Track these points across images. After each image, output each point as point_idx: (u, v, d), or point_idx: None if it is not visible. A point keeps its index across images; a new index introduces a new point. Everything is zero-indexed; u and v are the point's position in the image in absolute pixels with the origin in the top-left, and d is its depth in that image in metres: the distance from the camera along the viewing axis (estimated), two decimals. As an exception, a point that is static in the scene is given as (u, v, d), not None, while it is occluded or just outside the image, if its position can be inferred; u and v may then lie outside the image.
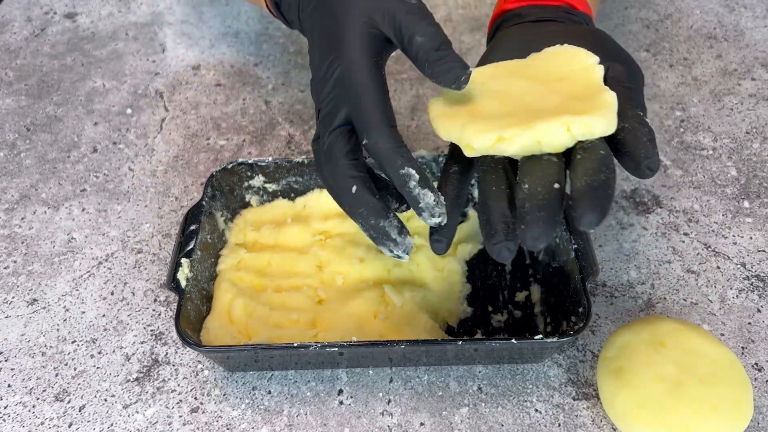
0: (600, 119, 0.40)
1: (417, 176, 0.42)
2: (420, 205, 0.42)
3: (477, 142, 0.42)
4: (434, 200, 0.42)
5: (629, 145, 0.40)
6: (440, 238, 0.44)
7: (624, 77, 0.44)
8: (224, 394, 0.52)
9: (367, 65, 0.44)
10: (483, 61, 0.52)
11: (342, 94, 0.45)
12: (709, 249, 0.61)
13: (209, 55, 0.84)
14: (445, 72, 0.42)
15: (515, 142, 0.41)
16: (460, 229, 0.60)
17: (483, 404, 0.51)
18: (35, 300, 0.59)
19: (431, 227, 0.44)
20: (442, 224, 0.43)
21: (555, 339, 0.48)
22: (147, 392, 0.52)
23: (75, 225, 0.65)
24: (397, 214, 0.45)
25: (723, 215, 0.63)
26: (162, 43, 0.86)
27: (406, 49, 0.44)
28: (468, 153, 0.43)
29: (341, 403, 0.51)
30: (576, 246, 0.53)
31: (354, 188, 0.44)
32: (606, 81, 0.44)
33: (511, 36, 0.53)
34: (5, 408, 0.52)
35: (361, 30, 0.44)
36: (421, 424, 0.50)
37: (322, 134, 0.46)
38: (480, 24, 0.87)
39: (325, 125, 0.45)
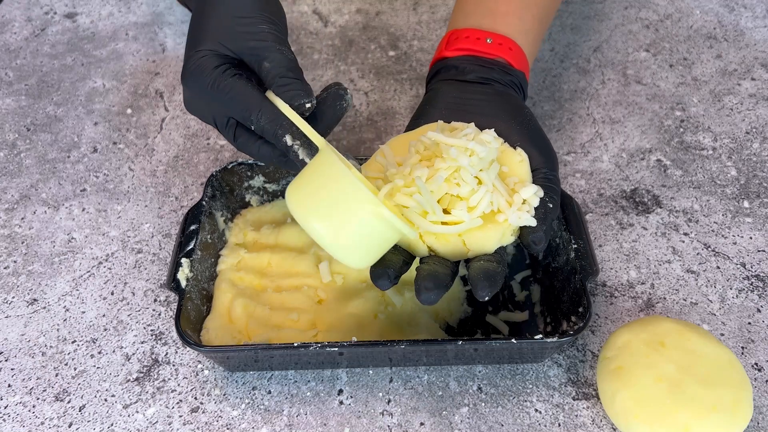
0: (492, 234, 0.47)
1: (298, 141, 0.46)
2: (300, 159, 0.47)
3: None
4: (309, 159, 0.46)
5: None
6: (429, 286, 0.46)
7: (545, 165, 0.50)
8: (224, 394, 0.52)
9: (214, 68, 0.48)
10: (417, 119, 0.55)
11: (215, 101, 0.48)
12: (709, 249, 0.61)
13: (209, 55, 0.84)
14: (290, 98, 0.46)
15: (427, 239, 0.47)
16: None
17: (483, 404, 0.51)
18: (35, 300, 0.59)
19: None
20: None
21: (555, 339, 0.48)
22: (147, 392, 0.52)
23: (75, 225, 0.65)
24: None
25: (723, 215, 0.63)
26: (162, 43, 0.86)
27: (258, 73, 0.48)
28: None
29: (341, 403, 0.51)
30: (576, 246, 0.53)
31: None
32: (532, 166, 0.50)
33: (444, 95, 0.55)
34: (5, 408, 0.52)
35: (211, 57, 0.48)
36: (421, 424, 0.50)
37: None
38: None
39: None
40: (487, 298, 0.45)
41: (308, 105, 0.46)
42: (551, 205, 0.48)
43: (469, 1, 0.62)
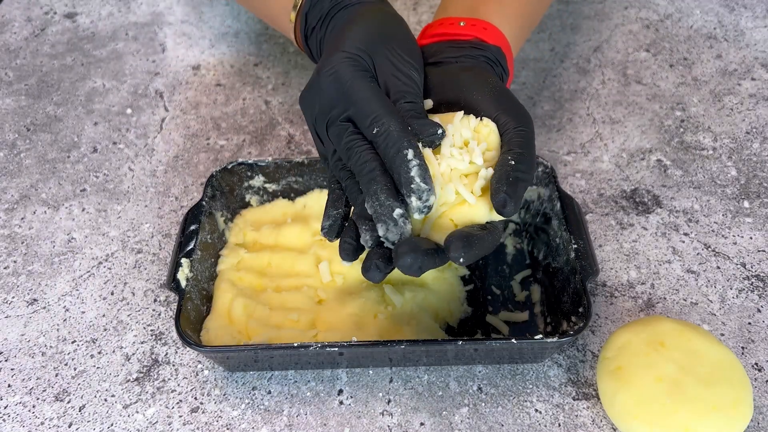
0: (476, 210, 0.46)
1: (417, 160, 0.44)
2: (412, 186, 0.44)
3: None
4: (426, 186, 0.44)
5: (491, 185, 0.45)
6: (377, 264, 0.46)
7: (513, 124, 0.49)
8: (224, 394, 0.52)
9: (357, 69, 0.48)
10: None
11: (338, 94, 0.48)
12: (709, 249, 0.61)
13: (209, 55, 0.84)
14: (426, 135, 0.46)
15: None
16: None
17: (483, 404, 0.51)
18: (35, 300, 0.59)
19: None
20: (424, 212, 0.45)
21: (555, 339, 0.48)
22: (147, 392, 0.52)
23: (75, 225, 0.65)
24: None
25: (723, 215, 0.63)
26: (162, 43, 0.86)
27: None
28: None
29: (341, 403, 0.51)
30: (576, 246, 0.53)
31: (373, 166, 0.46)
32: (501, 129, 0.49)
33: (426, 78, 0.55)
34: (5, 408, 0.52)
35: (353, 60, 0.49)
36: (421, 424, 0.50)
37: (331, 129, 0.49)
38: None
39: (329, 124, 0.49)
40: (461, 261, 0.42)
41: (437, 136, 0.47)
42: (513, 162, 0.45)
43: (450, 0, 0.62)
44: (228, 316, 0.54)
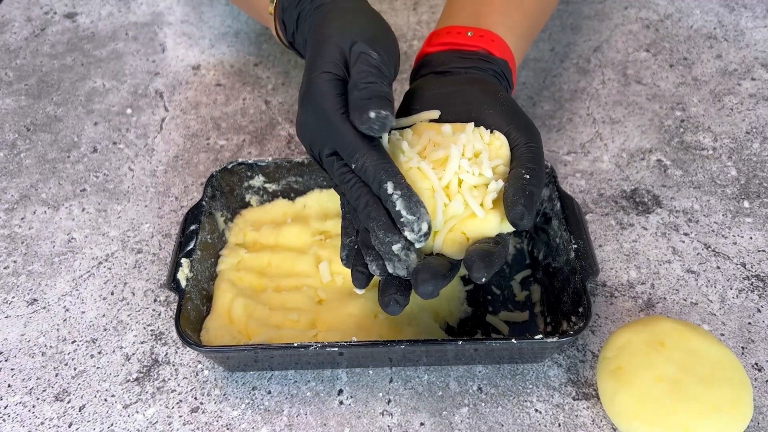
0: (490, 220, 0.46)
1: (398, 192, 0.44)
2: (401, 220, 0.44)
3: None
4: (413, 217, 0.44)
5: (504, 199, 0.46)
6: (396, 296, 0.45)
7: (524, 140, 0.49)
8: (224, 394, 0.52)
9: (334, 98, 0.47)
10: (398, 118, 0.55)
11: (324, 131, 0.47)
12: (709, 249, 0.61)
13: (209, 55, 0.84)
14: (362, 122, 0.45)
15: None
16: None
17: (483, 404, 0.51)
18: (35, 300, 0.59)
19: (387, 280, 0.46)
20: (422, 240, 0.45)
21: (555, 339, 0.48)
22: (147, 392, 0.52)
23: (75, 225, 0.65)
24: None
25: (723, 215, 0.63)
26: (162, 43, 0.86)
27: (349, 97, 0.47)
28: None
29: (341, 403, 0.51)
30: (576, 246, 0.53)
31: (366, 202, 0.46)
32: (511, 144, 0.49)
33: (421, 91, 0.55)
34: (5, 408, 0.52)
35: (329, 79, 0.47)
36: (421, 424, 0.50)
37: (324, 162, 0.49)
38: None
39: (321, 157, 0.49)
40: (484, 280, 0.43)
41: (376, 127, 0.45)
42: (528, 176, 0.46)
43: (454, 4, 0.63)
44: (228, 316, 0.54)
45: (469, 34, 0.57)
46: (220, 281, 0.56)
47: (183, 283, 0.52)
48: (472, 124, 0.50)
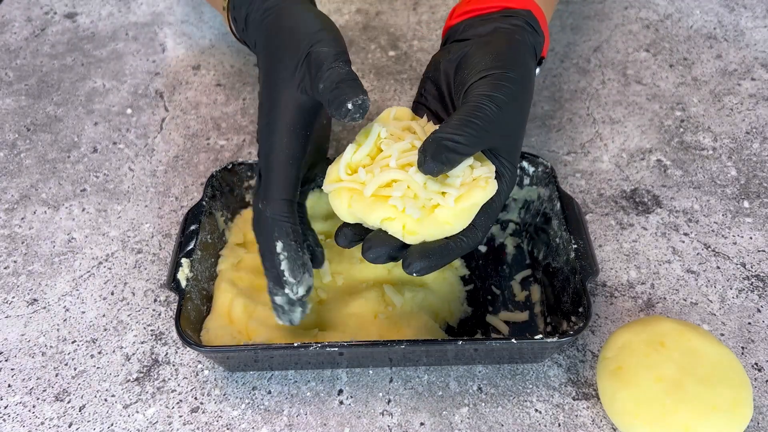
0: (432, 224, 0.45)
1: (285, 253, 0.48)
2: (283, 279, 0.49)
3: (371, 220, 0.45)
4: (294, 281, 0.49)
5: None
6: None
7: (479, 94, 0.47)
8: (224, 394, 0.52)
9: (287, 134, 0.48)
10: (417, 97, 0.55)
11: (260, 158, 0.50)
12: (709, 249, 0.61)
13: (209, 55, 0.84)
14: (339, 113, 0.45)
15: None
16: None
17: (483, 404, 0.51)
18: (35, 300, 0.59)
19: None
20: (301, 299, 0.49)
21: (555, 339, 0.48)
22: (147, 392, 0.52)
23: (75, 225, 0.65)
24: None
25: (723, 215, 0.63)
26: (162, 43, 0.86)
27: (316, 96, 0.47)
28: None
29: (341, 403, 0.51)
30: (576, 246, 0.53)
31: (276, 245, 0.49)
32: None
33: (436, 63, 0.54)
34: (5, 408, 0.52)
35: (292, 96, 0.48)
36: (421, 424, 0.50)
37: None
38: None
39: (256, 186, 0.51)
40: (415, 274, 0.44)
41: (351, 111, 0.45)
42: (455, 119, 0.44)
43: None
44: (228, 316, 0.54)
45: None
46: (220, 281, 0.56)
47: (183, 283, 0.52)
48: (425, 118, 0.50)
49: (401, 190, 0.44)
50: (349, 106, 0.44)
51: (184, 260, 0.53)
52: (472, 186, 0.45)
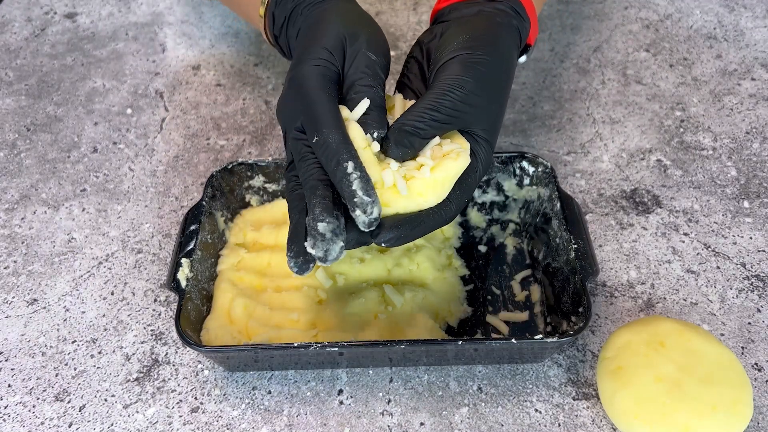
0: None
1: (358, 173, 0.43)
2: (355, 200, 0.43)
3: None
4: (369, 199, 0.43)
5: None
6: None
7: (448, 83, 0.48)
8: (224, 394, 0.52)
9: (317, 79, 0.47)
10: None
11: (297, 103, 0.47)
12: (709, 249, 0.61)
13: (209, 55, 0.84)
14: (368, 130, 0.46)
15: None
16: None
17: (483, 404, 0.51)
18: (35, 300, 0.59)
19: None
20: (373, 224, 0.44)
21: (555, 339, 0.48)
22: (147, 392, 0.52)
23: (75, 225, 0.65)
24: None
25: (723, 215, 0.63)
26: (162, 43, 0.86)
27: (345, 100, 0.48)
28: None
29: (341, 403, 0.51)
30: (576, 246, 0.53)
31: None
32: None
33: (418, 45, 0.55)
34: (5, 408, 0.52)
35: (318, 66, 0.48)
36: (421, 424, 0.50)
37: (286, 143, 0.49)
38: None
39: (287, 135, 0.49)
40: (384, 244, 0.44)
41: (375, 135, 0.46)
42: (423, 104, 0.46)
43: None
44: (228, 316, 0.54)
45: None
46: (220, 281, 0.56)
47: (183, 283, 0.52)
48: (400, 96, 0.51)
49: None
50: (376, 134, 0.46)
51: (184, 260, 0.53)
52: (443, 158, 0.46)
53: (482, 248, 0.61)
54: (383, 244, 0.44)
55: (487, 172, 0.50)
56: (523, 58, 0.58)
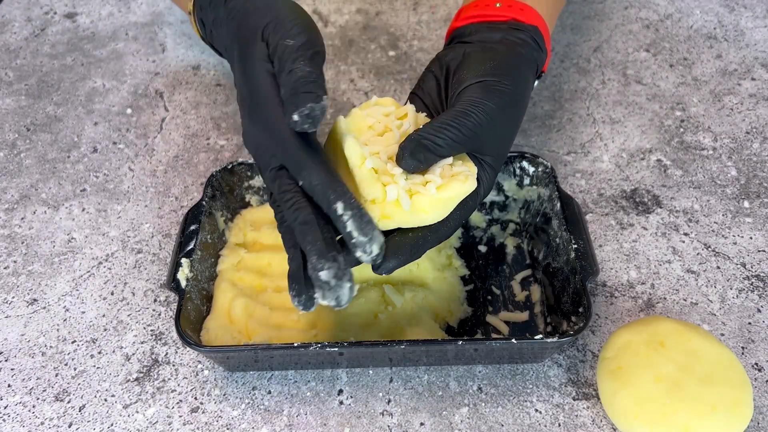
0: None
1: (349, 212, 0.42)
2: (352, 241, 0.42)
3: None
4: (365, 238, 0.42)
5: None
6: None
7: (469, 103, 0.47)
8: (224, 394, 0.52)
9: (281, 113, 0.45)
10: (414, 89, 0.55)
11: (271, 144, 0.46)
12: (709, 249, 0.61)
13: (209, 55, 0.84)
14: (300, 114, 0.43)
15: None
16: None
17: (483, 404, 0.51)
18: (35, 300, 0.59)
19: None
20: (375, 259, 0.43)
21: (555, 339, 0.48)
22: (147, 392, 0.52)
23: (75, 225, 0.65)
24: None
25: (723, 215, 0.63)
26: (162, 43, 0.86)
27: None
28: None
29: (341, 403, 0.51)
30: (576, 246, 0.53)
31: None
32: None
33: (435, 61, 0.55)
34: (5, 408, 0.52)
35: (267, 80, 0.46)
36: (421, 424, 0.50)
37: (264, 179, 0.47)
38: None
39: (264, 172, 0.47)
40: (385, 273, 0.44)
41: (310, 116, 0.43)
42: (440, 122, 0.45)
43: None
44: (228, 316, 0.54)
45: (497, 5, 0.57)
46: (220, 281, 0.56)
47: (183, 283, 0.52)
48: (413, 107, 0.50)
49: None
50: (295, 117, 0.42)
51: (184, 260, 0.53)
52: (451, 178, 0.46)
53: (482, 248, 0.61)
54: (384, 274, 0.44)
55: (485, 198, 0.50)
56: (535, 83, 0.58)
